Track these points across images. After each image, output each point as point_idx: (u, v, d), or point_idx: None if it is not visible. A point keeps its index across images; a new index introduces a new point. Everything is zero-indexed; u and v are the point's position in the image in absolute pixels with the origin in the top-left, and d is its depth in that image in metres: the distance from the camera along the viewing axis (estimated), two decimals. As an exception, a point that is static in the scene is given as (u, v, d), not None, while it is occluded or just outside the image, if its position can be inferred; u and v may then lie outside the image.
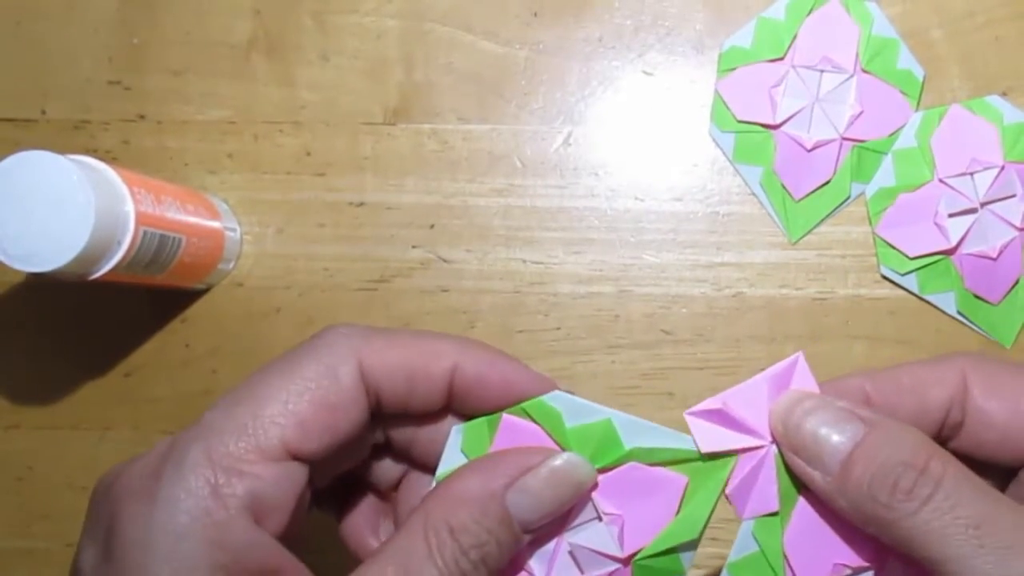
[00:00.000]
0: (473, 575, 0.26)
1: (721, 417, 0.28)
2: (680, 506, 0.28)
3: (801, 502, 0.27)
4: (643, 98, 0.45)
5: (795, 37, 0.43)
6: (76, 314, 0.45)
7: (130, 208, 0.36)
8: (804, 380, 0.28)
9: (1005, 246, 0.42)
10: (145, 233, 0.36)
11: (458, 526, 0.26)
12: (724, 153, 0.44)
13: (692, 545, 0.28)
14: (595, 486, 0.28)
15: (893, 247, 0.43)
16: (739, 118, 0.43)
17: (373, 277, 0.44)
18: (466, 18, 0.45)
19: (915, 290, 0.43)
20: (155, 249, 0.37)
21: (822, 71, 0.43)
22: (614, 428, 0.28)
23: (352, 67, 0.45)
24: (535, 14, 0.45)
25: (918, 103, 0.43)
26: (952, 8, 0.44)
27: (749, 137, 0.43)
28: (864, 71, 0.43)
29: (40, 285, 0.45)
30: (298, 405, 0.26)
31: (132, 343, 0.45)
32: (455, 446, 0.29)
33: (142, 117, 0.45)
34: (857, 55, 0.43)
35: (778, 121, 0.43)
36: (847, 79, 0.43)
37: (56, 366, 0.45)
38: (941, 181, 0.42)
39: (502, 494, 0.26)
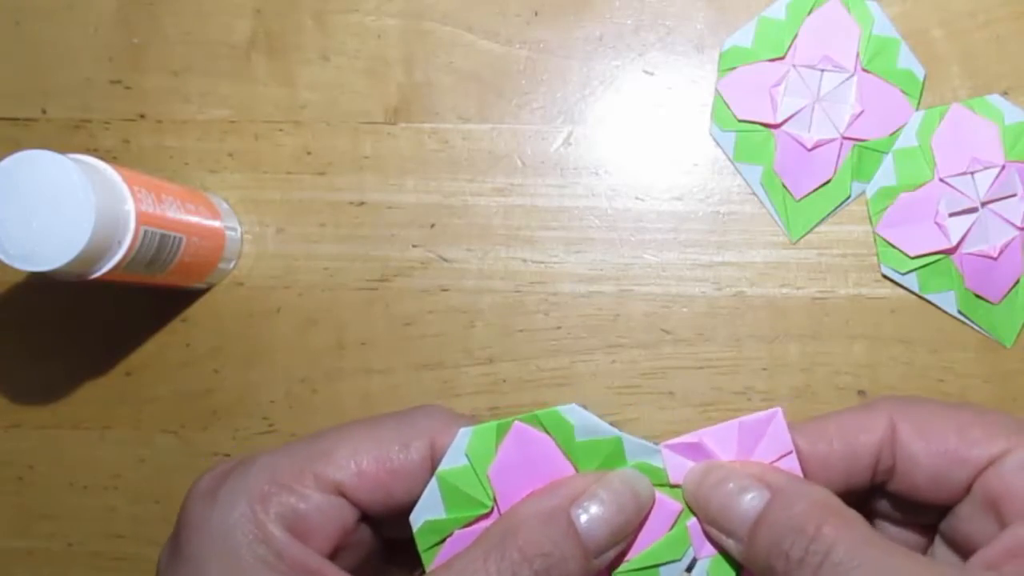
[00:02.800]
0: None
1: (695, 452, 0.28)
2: (670, 529, 0.29)
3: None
4: (643, 98, 0.45)
5: (796, 36, 0.43)
6: (76, 314, 0.45)
7: (131, 207, 0.36)
8: (778, 435, 0.28)
9: (1006, 245, 0.42)
10: (145, 232, 0.36)
11: (522, 537, 0.26)
12: (724, 152, 0.44)
13: (675, 567, 0.28)
14: (653, 504, 0.28)
15: (893, 246, 0.43)
16: (739, 117, 0.43)
17: (373, 276, 0.44)
18: (466, 18, 0.45)
19: (915, 289, 0.43)
20: (155, 248, 0.37)
21: (823, 70, 0.43)
22: (621, 447, 0.29)
23: (352, 67, 0.45)
24: (535, 13, 0.45)
25: (919, 102, 0.43)
26: (952, 8, 0.44)
27: (750, 136, 0.43)
28: (865, 70, 0.43)
29: (40, 285, 0.45)
30: (363, 458, 0.28)
31: (132, 343, 0.45)
32: (460, 448, 0.29)
33: (142, 117, 0.45)
34: (858, 54, 0.43)
35: (779, 120, 0.43)
36: (848, 78, 0.43)
37: (56, 366, 0.45)
38: (942, 180, 0.42)
39: (567, 508, 0.27)
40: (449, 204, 0.45)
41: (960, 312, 0.43)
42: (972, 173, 0.42)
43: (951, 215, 0.42)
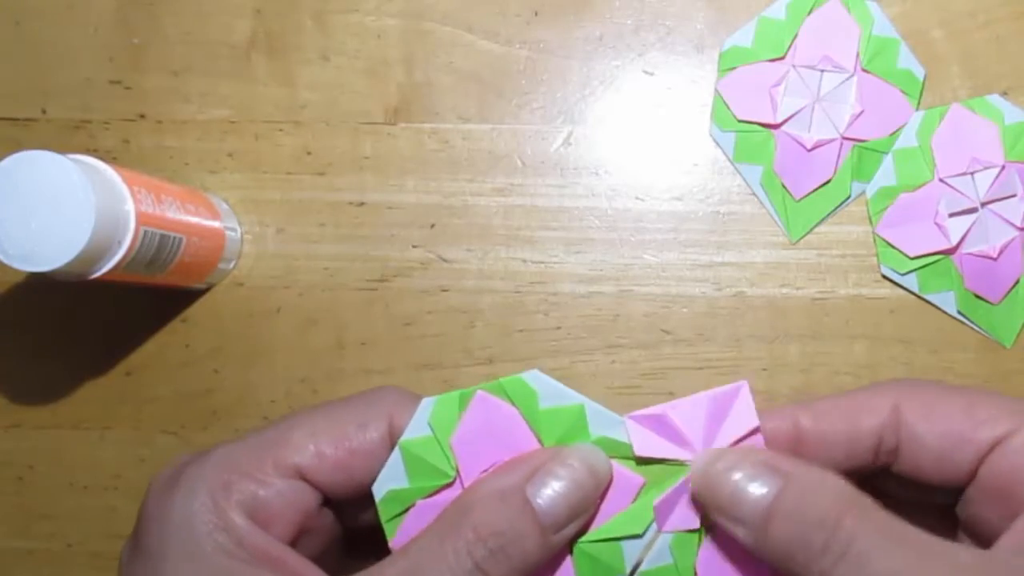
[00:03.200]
0: (493, 568, 0.25)
1: (660, 425, 0.28)
2: (631, 502, 0.29)
3: (719, 525, 0.28)
4: (643, 98, 0.45)
5: (796, 36, 0.43)
6: (76, 314, 0.45)
7: (130, 208, 0.36)
8: (744, 409, 0.28)
9: (1006, 246, 0.42)
10: (145, 233, 0.36)
11: (477, 516, 0.26)
12: (724, 153, 0.44)
13: (637, 541, 0.28)
14: (611, 480, 0.28)
15: (893, 247, 0.43)
16: (739, 117, 0.43)
17: (373, 277, 0.44)
18: (466, 18, 0.45)
19: (915, 290, 0.43)
20: (155, 249, 0.37)
21: (822, 71, 0.43)
22: (584, 416, 0.29)
23: (352, 67, 0.45)
24: (535, 13, 0.45)
25: (918, 103, 0.43)
26: (952, 8, 0.44)
27: (749, 136, 0.43)
28: (864, 71, 0.43)
29: (40, 285, 0.45)
30: (321, 440, 0.28)
31: (132, 343, 0.45)
32: (423, 418, 0.29)
33: (142, 117, 0.45)
34: (858, 55, 0.43)
35: (778, 120, 0.43)
36: (847, 78, 0.43)
37: (56, 366, 0.45)
38: (941, 180, 0.42)
39: (522, 486, 0.26)
40: (449, 204, 0.45)
41: (960, 312, 0.43)
42: (972, 173, 0.42)
43: (951, 215, 0.42)
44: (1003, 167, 0.42)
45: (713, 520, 0.27)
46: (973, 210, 0.42)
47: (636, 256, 0.44)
